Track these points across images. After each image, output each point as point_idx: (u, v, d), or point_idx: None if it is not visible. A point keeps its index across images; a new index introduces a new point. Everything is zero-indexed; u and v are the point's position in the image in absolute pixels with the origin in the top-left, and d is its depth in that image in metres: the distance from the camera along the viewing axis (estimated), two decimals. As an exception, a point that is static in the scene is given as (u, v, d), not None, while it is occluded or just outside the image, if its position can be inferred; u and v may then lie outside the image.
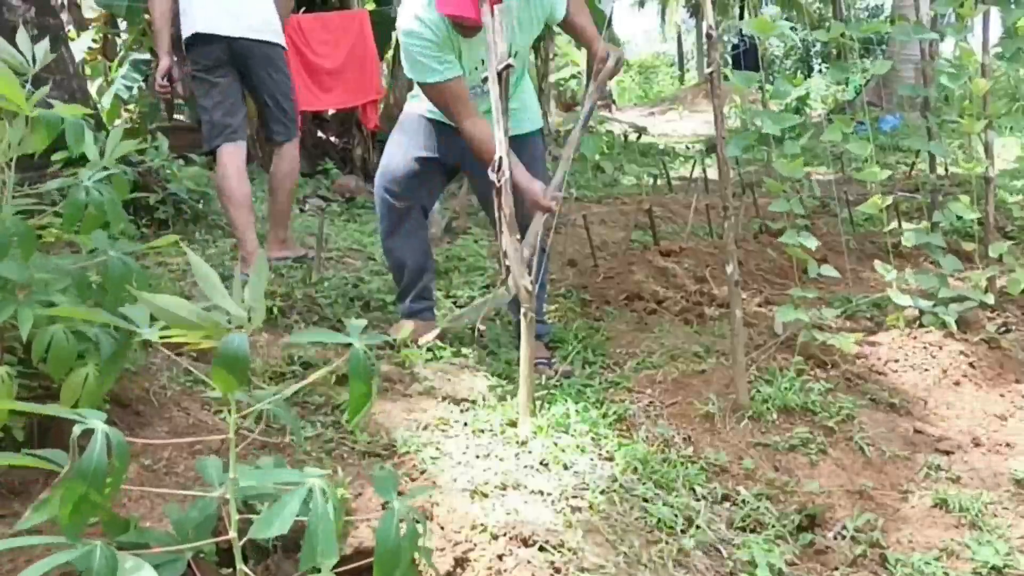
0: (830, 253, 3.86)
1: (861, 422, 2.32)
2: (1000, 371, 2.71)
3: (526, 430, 2.09)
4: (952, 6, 3.13)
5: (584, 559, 1.58)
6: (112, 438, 0.99)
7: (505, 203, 2.14)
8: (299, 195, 4.94)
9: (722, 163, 2.36)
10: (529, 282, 2.16)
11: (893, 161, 6.39)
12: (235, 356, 1.01)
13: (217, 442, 1.77)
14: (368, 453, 1.97)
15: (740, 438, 2.20)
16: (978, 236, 3.30)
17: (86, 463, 0.96)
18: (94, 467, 0.96)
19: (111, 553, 0.98)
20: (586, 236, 3.96)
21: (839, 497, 1.99)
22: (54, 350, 1.50)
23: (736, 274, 2.31)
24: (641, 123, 10.68)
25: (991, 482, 2.09)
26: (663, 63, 22.91)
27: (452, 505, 1.70)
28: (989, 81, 3.06)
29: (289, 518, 1.05)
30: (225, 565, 1.35)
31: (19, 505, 1.54)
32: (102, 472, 0.97)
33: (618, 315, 3.19)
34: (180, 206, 3.76)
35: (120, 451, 1.02)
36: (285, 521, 1.04)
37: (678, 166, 7.46)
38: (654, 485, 1.93)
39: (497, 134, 2.14)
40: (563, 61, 15.44)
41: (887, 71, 3.09)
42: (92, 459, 0.96)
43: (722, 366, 2.57)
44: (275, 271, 3.35)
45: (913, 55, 8.48)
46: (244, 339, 1.02)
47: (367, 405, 1.14)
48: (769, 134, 2.60)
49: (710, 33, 2.36)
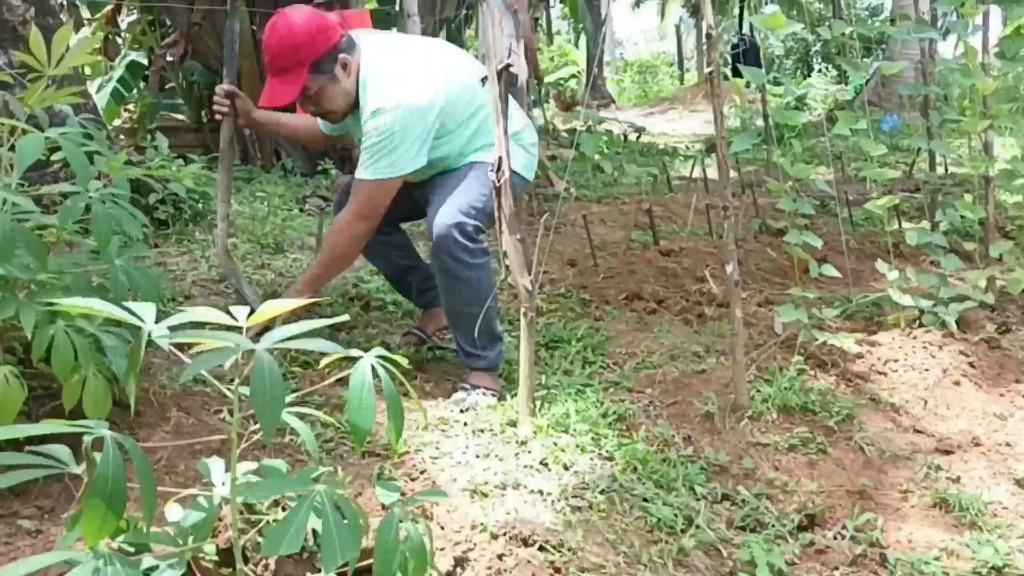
0: (830, 253, 3.86)
1: (861, 422, 2.32)
2: (1000, 371, 2.71)
3: (526, 430, 2.09)
4: (954, 5, 3.13)
5: (584, 559, 1.58)
6: (131, 451, 1.00)
7: (505, 202, 2.14)
8: (299, 195, 4.94)
9: (722, 163, 2.36)
10: (529, 281, 2.16)
11: (893, 161, 6.39)
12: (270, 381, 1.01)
13: (217, 442, 1.77)
14: (368, 453, 1.97)
15: (740, 438, 2.20)
16: (978, 236, 3.30)
17: (101, 482, 0.96)
18: (110, 487, 0.96)
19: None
20: (586, 236, 3.95)
21: (839, 497, 1.99)
22: (57, 350, 1.51)
23: (736, 274, 2.31)
24: (641, 123, 10.66)
25: (991, 482, 2.09)
26: (663, 63, 22.87)
27: (452, 505, 1.70)
28: (994, 81, 3.06)
29: (299, 533, 1.03)
30: (225, 565, 1.35)
31: (19, 505, 1.54)
32: (120, 491, 0.97)
33: (618, 315, 3.19)
34: (180, 206, 3.76)
35: (142, 468, 1.02)
36: (295, 537, 1.03)
37: (678, 166, 7.45)
38: (654, 485, 1.93)
39: (497, 132, 2.13)
40: (562, 61, 15.46)
41: (895, 72, 3.09)
42: (107, 478, 0.96)
43: (722, 366, 2.57)
44: (276, 271, 3.35)
45: (913, 54, 8.48)
46: (275, 366, 1.02)
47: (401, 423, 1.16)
48: (770, 134, 2.60)
49: (710, 33, 2.36)
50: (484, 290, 2.30)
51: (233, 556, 1.19)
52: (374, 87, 2.25)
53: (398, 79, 2.26)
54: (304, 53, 2.21)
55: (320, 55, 2.23)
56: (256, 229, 3.92)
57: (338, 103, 2.31)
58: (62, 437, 1.08)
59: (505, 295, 3.26)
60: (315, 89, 2.26)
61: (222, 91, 2.54)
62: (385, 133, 2.20)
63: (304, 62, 2.22)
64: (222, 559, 1.36)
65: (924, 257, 3.85)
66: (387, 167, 2.23)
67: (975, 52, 3.10)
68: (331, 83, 2.27)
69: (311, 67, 2.23)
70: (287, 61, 2.22)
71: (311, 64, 2.23)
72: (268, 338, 1.07)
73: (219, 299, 2.80)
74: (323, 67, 2.25)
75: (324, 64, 2.25)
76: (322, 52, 2.23)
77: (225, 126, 2.59)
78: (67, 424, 1.03)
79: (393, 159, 2.22)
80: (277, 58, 2.23)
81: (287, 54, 2.21)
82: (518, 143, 2.40)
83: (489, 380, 2.40)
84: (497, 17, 2.15)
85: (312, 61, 2.22)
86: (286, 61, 2.22)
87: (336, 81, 2.28)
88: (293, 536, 1.03)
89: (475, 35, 7.75)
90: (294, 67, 2.22)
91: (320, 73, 2.25)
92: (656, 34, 25.12)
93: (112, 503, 0.97)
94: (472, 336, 2.31)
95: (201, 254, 3.37)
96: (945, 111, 3.43)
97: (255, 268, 3.37)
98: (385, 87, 2.24)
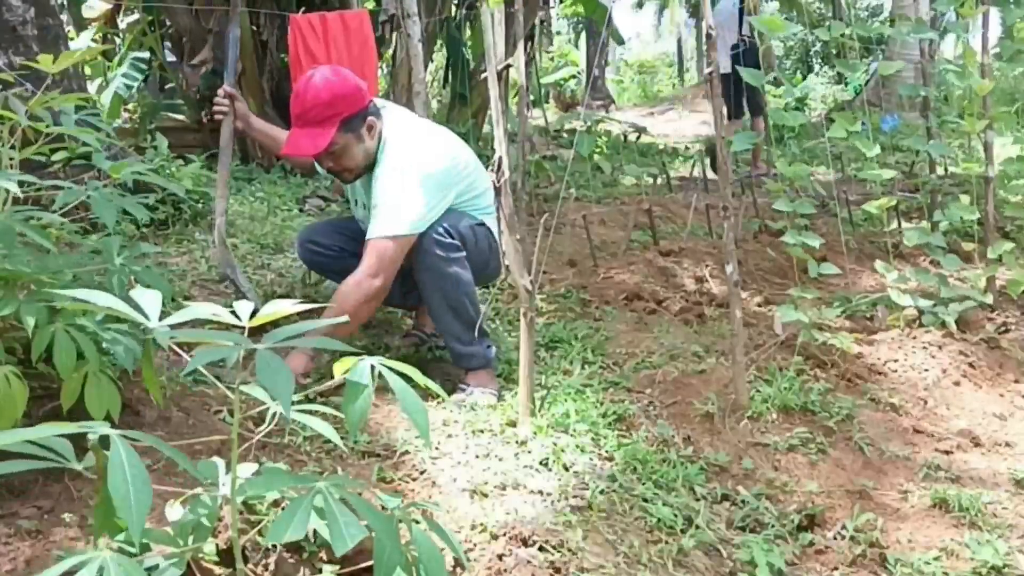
0: (830, 253, 3.86)
1: (861, 422, 2.32)
2: (999, 371, 2.71)
3: (526, 430, 2.09)
4: (952, 6, 3.13)
5: (584, 559, 1.58)
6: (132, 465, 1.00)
7: (505, 203, 2.14)
8: (299, 195, 4.95)
9: (722, 163, 2.36)
10: (529, 281, 2.16)
11: (893, 161, 6.39)
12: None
13: (217, 442, 1.77)
14: (368, 453, 1.97)
15: (740, 438, 2.20)
16: (978, 236, 3.30)
17: (115, 492, 0.95)
18: (120, 495, 0.96)
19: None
20: (586, 236, 3.96)
21: (839, 497, 1.99)
22: (59, 349, 1.50)
23: (736, 274, 2.31)
24: (640, 123, 10.66)
25: (991, 482, 2.09)
26: (663, 63, 22.90)
27: (452, 505, 1.70)
28: (992, 82, 3.07)
29: (303, 523, 1.04)
30: (225, 565, 1.35)
31: (19, 505, 1.54)
32: (127, 500, 0.97)
33: (618, 315, 3.19)
34: (179, 206, 3.76)
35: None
36: (300, 526, 1.04)
37: (678, 166, 7.45)
38: (654, 485, 1.93)
39: (496, 133, 2.14)
40: (561, 61, 15.46)
41: (893, 72, 3.10)
42: (118, 488, 0.95)
43: (722, 366, 2.57)
44: (276, 272, 3.35)
45: (913, 55, 8.48)
46: (278, 359, 1.02)
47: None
48: (770, 134, 2.61)
49: (710, 33, 2.36)
50: (466, 283, 2.35)
51: (233, 556, 1.19)
52: (394, 148, 2.33)
53: (418, 143, 2.36)
54: (337, 110, 2.26)
55: (352, 114, 2.28)
56: (256, 229, 3.92)
57: (357, 161, 2.36)
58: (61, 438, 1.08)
59: (505, 295, 3.26)
60: (340, 145, 2.30)
61: (222, 92, 2.58)
62: (402, 191, 2.26)
63: (335, 118, 2.26)
64: (222, 559, 1.36)
65: (923, 257, 3.85)
66: (404, 224, 2.26)
67: (974, 53, 3.11)
68: (356, 142, 2.32)
69: (341, 124, 2.27)
70: (320, 115, 2.25)
71: (341, 121, 2.27)
72: (270, 337, 1.08)
73: (219, 299, 2.80)
74: (352, 125, 2.30)
75: (353, 122, 2.30)
76: (353, 111, 2.29)
77: (225, 126, 2.63)
78: (68, 426, 1.02)
79: (409, 216, 2.26)
80: (310, 111, 2.26)
81: (321, 108, 2.25)
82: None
83: (487, 379, 2.41)
84: (497, 17, 2.15)
85: (343, 119, 2.27)
86: (319, 115, 2.25)
87: (360, 140, 2.33)
88: (297, 524, 1.03)
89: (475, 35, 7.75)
90: (325, 121, 2.26)
91: (348, 131, 2.29)
92: (656, 34, 25.13)
93: (139, 492, 0.96)
94: (462, 331, 2.35)
95: (201, 254, 3.37)
96: (945, 112, 3.44)
97: (255, 268, 3.37)
98: (405, 149, 2.33)
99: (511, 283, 2.21)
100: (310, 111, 2.25)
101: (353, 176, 2.41)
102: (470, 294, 2.37)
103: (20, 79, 2.35)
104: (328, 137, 2.26)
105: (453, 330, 2.37)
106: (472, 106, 7.11)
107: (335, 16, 5.08)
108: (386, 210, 2.26)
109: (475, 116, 7.13)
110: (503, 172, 2.13)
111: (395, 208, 2.26)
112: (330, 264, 2.66)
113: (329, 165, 2.39)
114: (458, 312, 2.33)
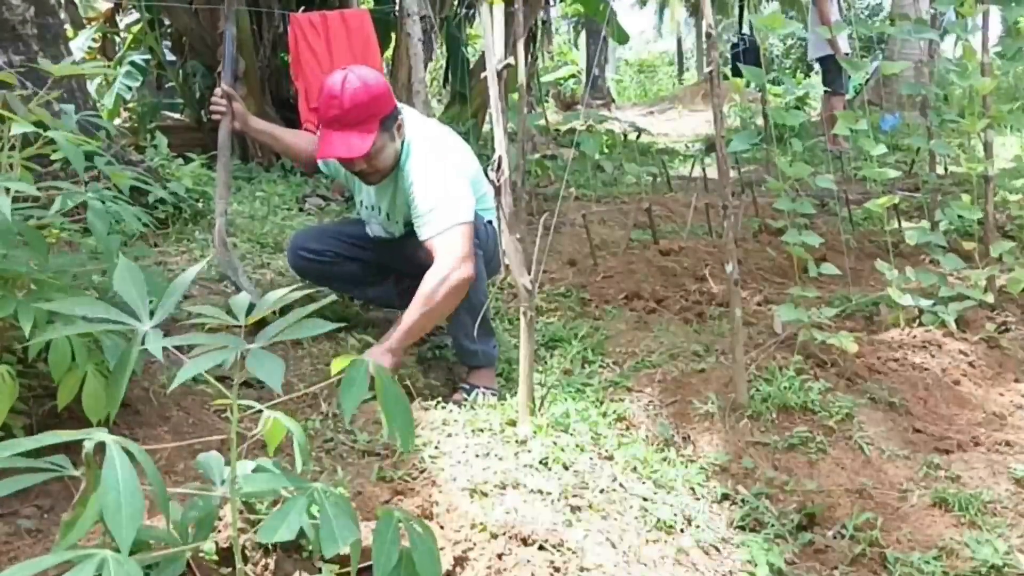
0: (830, 252, 3.86)
1: (860, 421, 2.32)
2: (999, 370, 2.71)
3: (526, 429, 2.09)
4: (952, 5, 3.13)
5: (584, 559, 1.58)
6: (138, 456, 1.00)
7: (505, 202, 2.14)
8: (299, 195, 4.95)
9: (722, 162, 2.36)
10: (529, 281, 2.16)
11: (893, 160, 6.39)
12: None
13: (217, 442, 1.77)
14: (367, 452, 1.97)
15: (739, 437, 2.20)
16: (978, 235, 3.30)
17: (107, 500, 0.95)
18: (111, 503, 0.95)
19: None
20: (586, 235, 3.95)
21: (838, 496, 1.99)
22: (54, 349, 1.51)
23: (736, 273, 2.31)
24: (641, 122, 10.67)
25: (991, 482, 2.09)
26: (662, 62, 22.90)
27: (452, 504, 1.70)
28: (992, 81, 3.06)
29: (295, 523, 1.04)
30: (225, 564, 1.35)
31: (19, 505, 1.54)
32: (121, 507, 0.97)
33: (618, 314, 3.19)
34: (180, 205, 3.76)
35: (151, 471, 1.02)
36: (292, 526, 1.04)
37: (678, 165, 7.45)
38: (654, 484, 1.93)
39: (496, 132, 2.14)
40: (561, 61, 15.46)
41: (897, 72, 3.10)
42: (109, 497, 0.95)
43: (721, 365, 2.57)
44: (276, 271, 3.35)
45: (913, 54, 8.47)
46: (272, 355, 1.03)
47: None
48: (770, 133, 2.61)
49: (710, 32, 2.36)
50: (482, 280, 2.37)
51: (233, 555, 1.19)
52: (422, 147, 2.35)
53: (443, 142, 2.41)
54: (376, 110, 2.25)
55: (387, 114, 2.29)
56: (256, 228, 3.92)
57: (388, 162, 2.36)
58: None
59: (505, 295, 3.26)
60: (378, 146, 2.29)
61: (220, 92, 2.57)
62: (448, 185, 2.28)
63: (375, 119, 2.26)
64: (222, 558, 1.36)
65: (924, 256, 3.85)
66: (463, 211, 2.27)
67: (974, 52, 3.10)
68: (390, 142, 2.32)
69: (380, 122, 2.27)
70: (361, 115, 2.24)
71: (381, 119, 2.27)
72: (263, 335, 1.10)
73: (219, 298, 2.80)
74: (387, 125, 2.30)
75: (388, 122, 2.30)
76: (388, 111, 2.29)
77: (223, 126, 2.63)
78: (66, 433, 1.02)
79: (467, 203, 2.29)
80: (350, 112, 2.23)
81: (362, 108, 2.23)
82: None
83: (488, 378, 2.41)
84: (496, 17, 2.15)
85: (382, 117, 2.27)
86: (360, 115, 2.24)
87: (393, 140, 2.33)
88: (289, 525, 1.04)
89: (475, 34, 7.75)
90: (367, 120, 2.25)
91: (384, 130, 2.29)
92: (655, 34, 25.13)
93: (129, 504, 0.96)
94: (470, 329, 2.34)
95: (201, 253, 3.37)
96: (945, 111, 3.43)
97: (255, 268, 3.37)
98: (435, 148, 2.36)
99: (511, 282, 2.21)
100: (350, 112, 2.23)
101: (380, 177, 2.39)
102: (484, 291, 2.37)
103: (20, 79, 2.35)
104: (372, 138, 2.25)
105: (465, 326, 2.36)
106: (472, 105, 7.12)
107: (335, 15, 5.09)
108: (441, 204, 2.25)
109: (475, 115, 7.13)
110: (503, 171, 2.13)
111: (449, 200, 2.26)
112: (325, 271, 2.66)
113: (362, 167, 2.35)
114: (473, 308, 2.32)
